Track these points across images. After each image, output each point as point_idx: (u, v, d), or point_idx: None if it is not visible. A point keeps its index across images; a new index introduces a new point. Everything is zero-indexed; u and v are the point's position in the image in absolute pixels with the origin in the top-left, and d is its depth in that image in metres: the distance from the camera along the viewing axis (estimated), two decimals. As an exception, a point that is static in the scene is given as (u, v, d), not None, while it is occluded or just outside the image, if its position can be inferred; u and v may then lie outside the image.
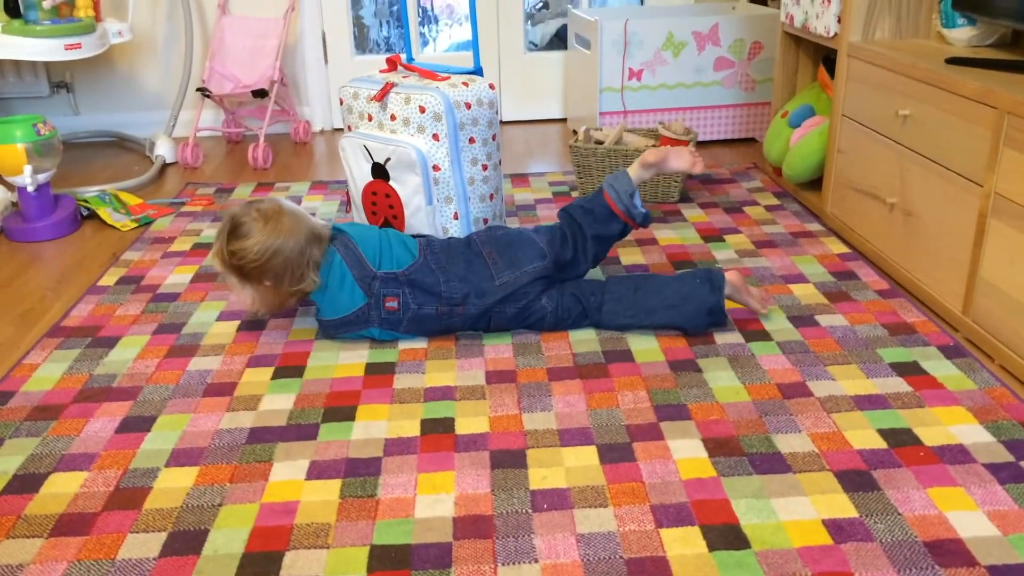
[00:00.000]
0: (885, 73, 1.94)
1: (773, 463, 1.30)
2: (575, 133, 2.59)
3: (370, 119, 1.99)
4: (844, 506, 1.20)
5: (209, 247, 2.23)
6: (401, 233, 1.77)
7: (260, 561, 1.14)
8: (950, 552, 1.11)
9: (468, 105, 1.92)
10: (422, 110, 1.89)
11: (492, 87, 1.97)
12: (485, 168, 1.99)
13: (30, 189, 2.31)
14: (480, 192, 1.99)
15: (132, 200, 2.59)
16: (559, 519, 1.19)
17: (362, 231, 1.72)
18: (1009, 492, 1.22)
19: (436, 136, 1.90)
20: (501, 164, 2.07)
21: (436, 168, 1.92)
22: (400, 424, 1.43)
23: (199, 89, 3.04)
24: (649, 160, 1.80)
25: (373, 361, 1.64)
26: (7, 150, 2.25)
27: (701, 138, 3.08)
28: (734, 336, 1.69)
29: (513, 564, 1.12)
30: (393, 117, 1.94)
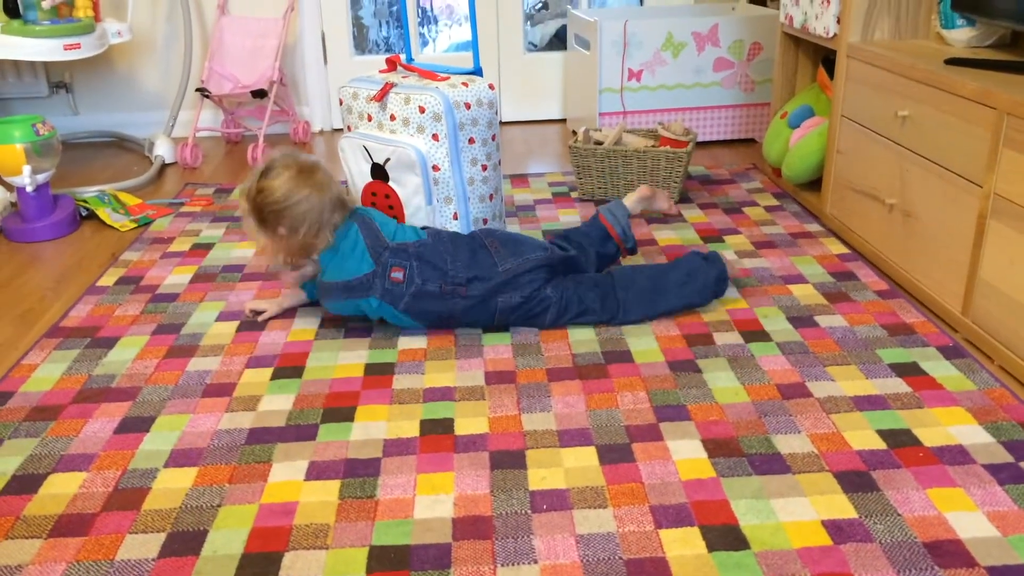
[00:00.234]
0: (884, 74, 1.94)
1: (772, 464, 1.30)
2: (574, 134, 2.59)
3: (370, 119, 1.99)
4: (843, 507, 1.20)
5: (209, 247, 2.23)
6: (413, 226, 1.82)
7: (259, 562, 1.14)
8: (949, 553, 1.11)
9: (468, 105, 1.92)
10: (422, 110, 1.89)
11: (492, 87, 1.97)
12: (485, 168, 1.99)
13: (29, 189, 2.31)
14: (480, 192, 1.99)
15: (131, 200, 2.59)
16: (558, 520, 1.19)
17: (381, 215, 1.78)
18: (1008, 493, 1.22)
19: (436, 136, 1.90)
20: (501, 164, 2.07)
21: (436, 168, 1.92)
22: (399, 425, 1.43)
23: (198, 89, 3.04)
24: (645, 193, 2.03)
25: (372, 362, 1.63)
26: (6, 150, 2.25)
27: (701, 139, 3.08)
28: (734, 336, 1.69)
29: (512, 565, 1.12)
30: (393, 117, 1.94)
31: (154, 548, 1.16)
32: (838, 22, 2.18)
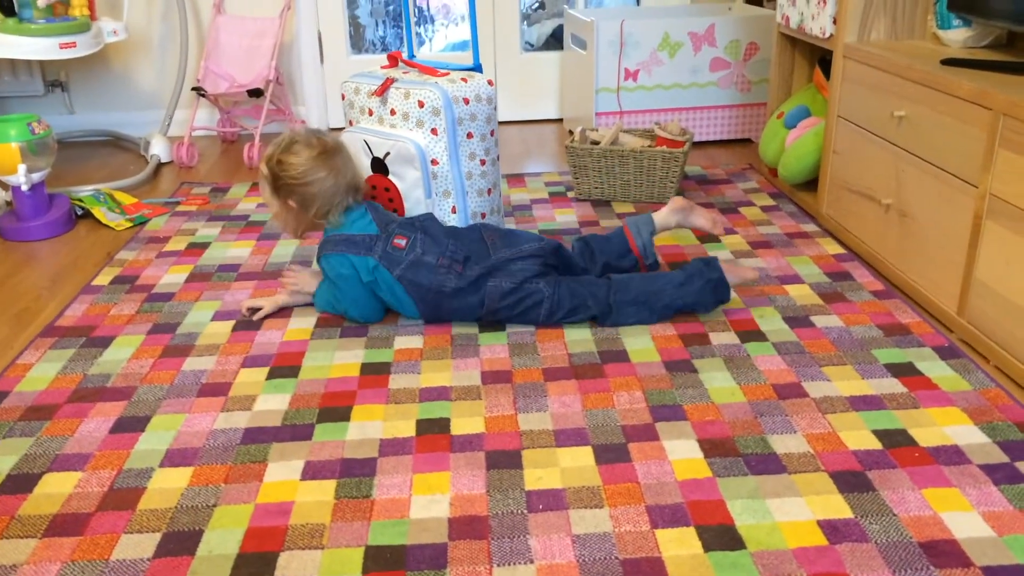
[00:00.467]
0: (880, 74, 1.94)
1: (768, 464, 1.30)
2: (571, 133, 2.59)
3: (371, 114, 2.00)
4: (839, 507, 1.20)
5: (204, 247, 2.23)
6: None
7: (255, 562, 1.13)
8: (945, 553, 1.11)
9: (467, 101, 1.92)
10: (421, 105, 1.89)
11: (491, 83, 1.98)
12: (483, 163, 1.99)
13: (24, 188, 2.30)
14: (478, 186, 1.99)
15: (127, 199, 2.59)
16: (555, 520, 1.19)
17: (388, 214, 1.83)
18: (1004, 493, 1.22)
19: (435, 131, 1.91)
20: (499, 159, 2.07)
21: (435, 162, 1.92)
22: (395, 424, 1.43)
23: (194, 88, 3.03)
24: (679, 205, 1.90)
25: (368, 361, 1.63)
26: (1, 149, 2.25)
27: (697, 139, 3.08)
28: (729, 336, 1.69)
29: (508, 565, 1.11)
30: (393, 112, 1.95)
31: (149, 548, 1.16)
32: (834, 22, 2.18)
